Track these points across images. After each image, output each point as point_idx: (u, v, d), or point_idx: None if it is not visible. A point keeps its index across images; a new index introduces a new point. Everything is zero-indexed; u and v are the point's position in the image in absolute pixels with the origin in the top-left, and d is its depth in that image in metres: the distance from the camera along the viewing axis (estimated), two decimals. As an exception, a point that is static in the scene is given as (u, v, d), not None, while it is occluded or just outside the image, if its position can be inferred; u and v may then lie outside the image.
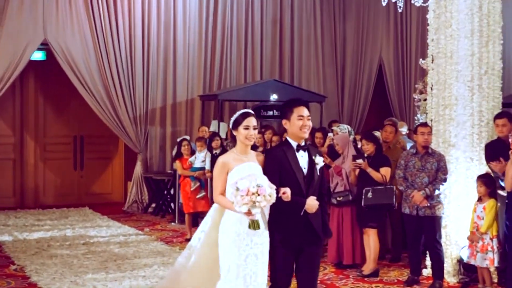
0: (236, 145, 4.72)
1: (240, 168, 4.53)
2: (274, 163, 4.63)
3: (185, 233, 9.72)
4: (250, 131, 4.62)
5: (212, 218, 4.69)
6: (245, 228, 4.42)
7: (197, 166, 9.50)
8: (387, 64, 14.97)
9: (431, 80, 7.46)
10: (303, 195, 4.60)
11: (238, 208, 4.21)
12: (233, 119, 4.69)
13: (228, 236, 4.49)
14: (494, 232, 6.48)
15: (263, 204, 4.19)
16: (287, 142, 4.76)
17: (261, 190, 4.17)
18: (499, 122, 6.85)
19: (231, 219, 4.49)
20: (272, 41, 13.95)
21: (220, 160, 4.65)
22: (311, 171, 4.69)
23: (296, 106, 4.67)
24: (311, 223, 4.63)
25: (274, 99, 12.26)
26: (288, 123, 4.69)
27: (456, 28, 7.07)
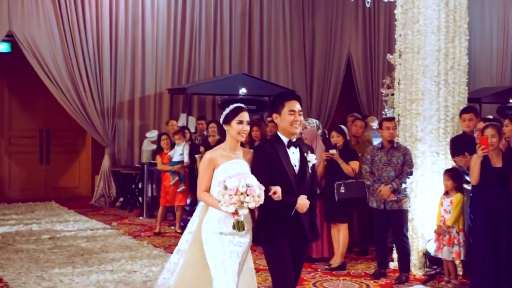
0: (226, 141, 4.49)
1: (228, 166, 4.34)
2: (264, 159, 4.41)
3: (153, 227, 9.68)
4: (244, 126, 4.41)
5: (199, 217, 4.51)
6: (228, 227, 4.29)
7: (175, 160, 9.47)
8: (356, 59, 15.10)
9: (398, 75, 7.53)
10: (294, 194, 4.41)
11: (224, 207, 4.05)
12: (225, 113, 4.47)
13: (210, 234, 4.35)
14: (461, 225, 6.58)
15: (251, 205, 4.03)
16: (277, 137, 4.53)
17: (250, 190, 4.01)
18: (466, 116, 6.94)
19: (214, 217, 4.34)
20: (241, 34, 13.94)
21: (207, 155, 4.44)
22: (302, 169, 4.48)
23: (288, 100, 4.48)
24: (302, 223, 4.45)
25: (243, 93, 12.26)
26: (279, 118, 4.49)
27: (423, 23, 7.14)
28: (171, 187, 9.37)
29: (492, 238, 6.02)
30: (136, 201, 11.67)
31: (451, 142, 7.08)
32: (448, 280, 6.68)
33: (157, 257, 7.83)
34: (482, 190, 6.13)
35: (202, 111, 13.34)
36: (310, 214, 4.53)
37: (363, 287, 6.71)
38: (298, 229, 4.45)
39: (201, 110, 13.35)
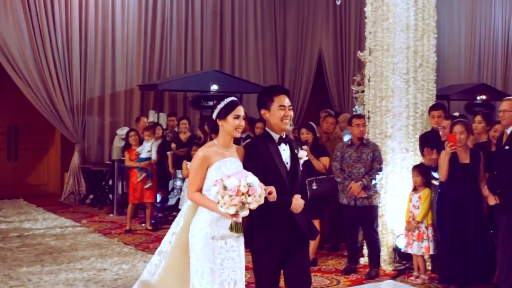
0: (219, 137, 4.18)
1: (222, 164, 4.06)
2: (256, 158, 4.15)
3: (124, 224, 9.61)
4: (240, 121, 4.13)
5: (185, 218, 4.20)
6: (220, 230, 4.00)
7: (143, 157, 9.40)
8: (327, 56, 15.19)
9: (368, 72, 7.59)
10: (288, 193, 4.17)
11: (224, 209, 3.74)
12: (219, 107, 4.15)
13: (201, 239, 4.00)
14: (429, 220, 6.66)
15: (253, 206, 3.74)
16: (267, 134, 4.27)
17: (252, 190, 3.73)
18: (435, 113, 7.03)
19: (205, 219, 4.03)
20: (212, 31, 13.91)
21: (200, 153, 4.12)
22: (294, 167, 4.26)
23: (277, 94, 4.23)
24: (298, 223, 4.18)
25: (214, 89, 12.25)
26: (268, 113, 4.23)
27: (393, 21, 7.20)
28: (139, 183, 9.31)
29: (460, 233, 6.10)
30: (107, 198, 11.58)
31: (420, 139, 7.16)
32: (417, 275, 6.75)
33: (127, 255, 7.78)
34: (450, 185, 6.21)
35: (173, 107, 13.29)
36: (305, 213, 4.29)
37: (333, 283, 6.74)
38: (293, 230, 4.17)
39: (172, 107, 13.30)
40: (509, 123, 5.91)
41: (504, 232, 5.89)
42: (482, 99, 14.90)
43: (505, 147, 5.87)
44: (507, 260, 5.88)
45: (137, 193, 9.34)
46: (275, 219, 4.13)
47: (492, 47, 17.42)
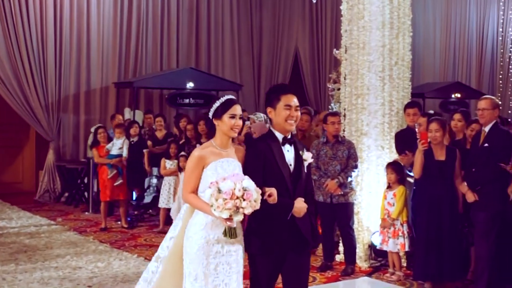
0: (215, 137, 4.00)
1: (218, 165, 3.90)
2: (258, 158, 3.99)
3: (99, 222, 9.54)
4: (236, 121, 3.95)
5: (183, 221, 4.04)
6: (216, 234, 3.85)
7: (114, 153, 9.33)
8: (303, 54, 15.23)
9: (344, 70, 7.63)
10: (290, 196, 3.98)
11: (217, 212, 3.59)
12: (215, 106, 3.99)
13: (195, 242, 3.85)
14: (404, 217, 6.71)
15: (247, 210, 3.59)
16: (271, 134, 4.10)
17: (247, 194, 3.58)
18: (411, 111, 7.09)
19: (200, 222, 3.87)
20: (188, 28, 13.88)
21: (195, 153, 3.96)
22: (298, 168, 4.07)
23: (284, 93, 4.07)
24: (299, 227, 3.99)
25: (190, 87, 12.22)
26: (273, 112, 4.07)
27: (368, 19, 7.25)
28: (109, 181, 9.25)
29: (435, 230, 6.16)
30: (82, 196, 11.48)
31: (395, 137, 7.22)
32: (392, 271, 6.80)
33: (103, 253, 7.74)
34: (425, 183, 6.27)
35: (149, 105, 13.23)
36: (310, 217, 4.09)
37: (309, 280, 6.74)
38: (294, 235, 3.99)
39: (148, 104, 13.24)
40: (487, 122, 5.98)
41: (481, 229, 5.96)
42: (456, 97, 15.06)
43: (484, 145, 5.95)
44: (483, 256, 5.95)
45: (108, 190, 9.27)
46: (275, 222, 3.95)
47: (467, 46, 17.61)
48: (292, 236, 3.98)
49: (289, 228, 3.96)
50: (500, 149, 5.84)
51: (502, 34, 18.20)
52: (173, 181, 9.08)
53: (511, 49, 18.37)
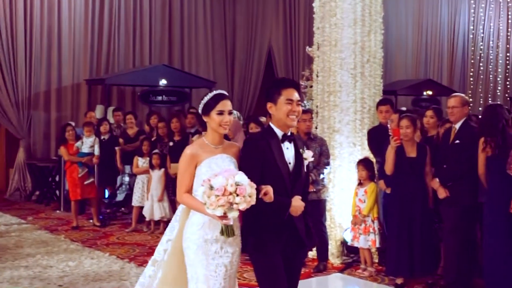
0: (207, 134, 3.91)
1: (212, 162, 3.77)
2: (255, 155, 3.82)
3: (71, 221, 9.44)
4: (224, 117, 3.81)
5: (180, 222, 3.91)
6: (214, 234, 3.72)
7: (84, 152, 9.24)
8: (277, 51, 15.25)
9: (316, 68, 7.65)
10: (288, 196, 3.83)
11: (211, 210, 3.46)
12: (203, 102, 3.86)
13: (193, 242, 3.74)
14: (375, 214, 6.75)
15: (242, 206, 3.45)
16: (270, 130, 3.92)
17: (240, 189, 3.44)
18: (383, 108, 7.13)
19: (197, 222, 3.76)
20: (161, 25, 13.80)
21: (187, 151, 3.83)
22: (297, 167, 3.92)
23: (285, 87, 3.88)
24: (296, 227, 3.88)
25: (163, 84, 12.17)
26: (274, 107, 3.88)
27: (340, 17, 7.27)
28: (80, 179, 9.15)
29: (406, 226, 6.21)
30: (53, 195, 11.35)
31: (368, 134, 7.26)
32: (364, 267, 6.84)
33: (74, 252, 7.66)
34: (397, 179, 6.31)
35: (121, 102, 13.13)
36: (305, 217, 3.99)
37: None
38: (291, 235, 3.88)
39: (120, 102, 13.14)
40: (457, 119, 6.04)
41: (451, 224, 6.02)
42: (428, 94, 15.21)
43: (454, 142, 6.01)
44: (453, 252, 6.02)
45: (79, 189, 9.18)
46: (272, 221, 3.81)
47: (439, 43, 17.80)
48: (289, 236, 3.86)
49: (286, 227, 3.84)
50: (470, 146, 5.90)
51: (473, 32, 18.44)
52: (146, 179, 9.03)
53: (481, 47, 18.62)
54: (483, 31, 18.68)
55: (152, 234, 8.75)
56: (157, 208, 8.79)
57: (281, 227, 3.83)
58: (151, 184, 8.84)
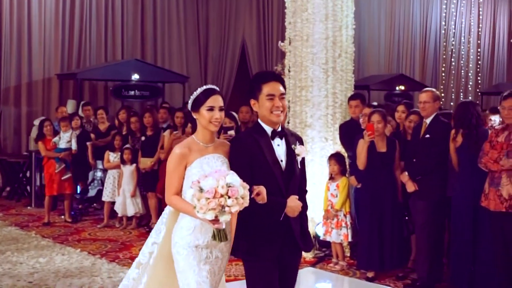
0: (197, 131, 3.68)
1: (203, 162, 3.56)
2: (243, 154, 3.58)
3: (42, 217, 9.34)
4: (215, 113, 3.58)
5: (167, 225, 3.71)
6: (205, 239, 3.52)
7: (62, 147, 9.15)
8: (250, 46, 15.25)
9: (288, 62, 7.66)
10: (282, 196, 3.58)
11: (201, 214, 3.23)
12: (192, 97, 3.65)
13: (183, 248, 3.53)
14: (347, 208, 6.79)
15: (234, 209, 3.20)
16: (259, 127, 3.68)
17: (232, 191, 3.20)
18: (353, 103, 7.16)
19: (187, 226, 3.54)
20: (133, 19, 13.72)
21: (176, 150, 3.60)
22: (290, 164, 3.66)
23: (265, 81, 3.63)
24: (293, 229, 3.62)
25: (135, 79, 12.09)
26: (257, 104, 3.65)
27: (312, 12, 7.28)
28: (57, 174, 9.07)
29: (377, 220, 6.25)
30: (24, 191, 11.22)
31: (340, 128, 7.28)
32: (336, 261, 6.88)
33: (45, 248, 7.58)
34: (368, 174, 6.35)
35: (93, 97, 13.03)
36: (302, 218, 3.73)
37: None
38: (287, 237, 3.62)
39: (92, 96, 13.04)
40: (429, 114, 6.09)
41: (422, 218, 6.07)
42: (400, 89, 15.34)
43: (425, 136, 6.06)
44: (424, 246, 6.08)
45: (56, 184, 9.10)
46: (266, 224, 3.56)
47: (411, 39, 17.96)
48: (285, 238, 3.61)
49: (282, 230, 3.59)
50: (441, 140, 5.96)
51: (444, 27, 18.64)
52: (117, 174, 8.98)
53: (453, 42, 18.82)
54: (455, 27, 18.90)
55: (124, 230, 8.70)
56: (129, 204, 8.74)
57: (276, 229, 3.58)
58: (123, 179, 8.78)
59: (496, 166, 5.26)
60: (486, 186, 5.39)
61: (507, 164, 5.17)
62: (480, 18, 19.39)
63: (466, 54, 19.12)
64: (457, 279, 5.90)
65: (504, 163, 5.18)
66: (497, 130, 5.51)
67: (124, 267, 6.68)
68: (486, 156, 5.36)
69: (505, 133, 5.36)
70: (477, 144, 5.63)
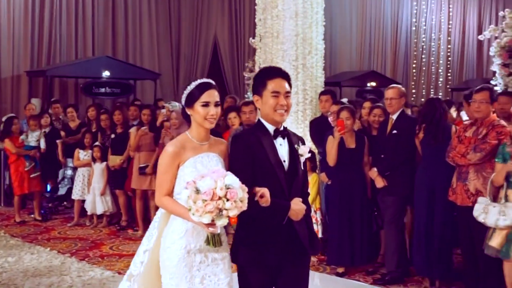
0: (191, 128, 3.43)
1: (197, 161, 3.32)
2: (245, 153, 3.35)
3: (11, 216, 9.24)
4: (210, 109, 3.34)
5: (159, 229, 3.43)
6: (197, 243, 3.29)
7: (32, 145, 9.04)
8: (222, 42, 15.23)
9: (258, 59, 7.68)
10: (285, 197, 3.36)
11: (197, 217, 3.00)
12: (186, 92, 3.40)
13: (174, 254, 3.27)
14: (318, 204, 6.82)
15: (232, 213, 2.99)
16: (261, 125, 3.47)
17: (231, 193, 2.98)
18: (323, 98, 7.20)
19: (179, 229, 3.29)
20: (104, 15, 13.61)
21: (169, 148, 3.34)
22: (293, 165, 3.45)
23: (271, 78, 3.43)
24: (297, 232, 3.40)
25: (106, 75, 12.00)
26: (260, 101, 3.45)
27: (282, 8, 7.30)
28: (26, 173, 8.96)
29: (347, 217, 6.29)
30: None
31: (310, 124, 7.31)
32: (307, 257, 6.90)
33: (14, 247, 7.49)
34: (337, 170, 6.38)
35: (64, 94, 12.91)
36: (306, 220, 3.51)
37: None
38: (291, 242, 3.39)
39: (63, 94, 12.91)
40: (395, 110, 6.14)
41: (391, 213, 6.13)
42: (372, 86, 15.44)
43: (392, 132, 6.11)
44: (393, 240, 6.14)
45: (26, 182, 8.99)
46: (268, 228, 3.35)
47: (382, 36, 18.09)
48: (288, 243, 3.39)
49: (285, 234, 3.38)
50: (408, 136, 6.02)
51: (415, 24, 18.80)
52: (87, 172, 8.90)
53: (424, 39, 19.00)
54: (425, 23, 19.06)
55: (95, 228, 8.63)
56: (99, 202, 8.68)
57: (278, 234, 3.36)
58: (93, 177, 8.71)
59: (463, 160, 5.32)
60: (454, 181, 5.46)
61: (474, 158, 5.23)
62: (450, 15, 19.59)
63: (437, 51, 19.31)
64: (418, 266, 6.01)
65: (471, 157, 5.24)
66: (465, 125, 5.58)
67: (94, 266, 6.64)
68: (453, 151, 5.43)
69: (473, 128, 5.43)
70: (435, 138, 5.71)
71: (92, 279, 6.16)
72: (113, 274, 6.32)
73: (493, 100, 5.34)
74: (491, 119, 5.34)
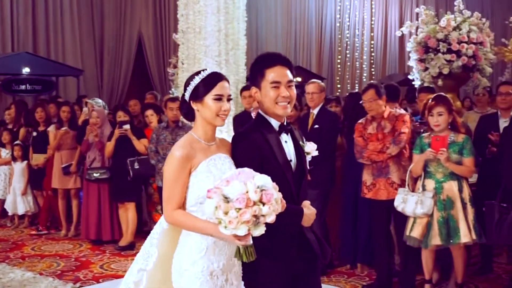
0: (196, 127, 2.94)
1: (210, 163, 2.84)
2: (253, 155, 2.92)
3: None
4: (224, 104, 2.87)
5: (159, 248, 2.93)
6: (220, 261, 2.81)
7: None
8: (147, 39, 15.11)
9: (181, 55, 7.65)
10: (294, 201, 2.98)
11: (229, 230, 2.50)
12: (193, 84, 2.90)
13: (195, 276, 2.77)
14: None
15: (270, 218, 2.51)
16: (263, 120, 3.05)
17: (266, 195, 2.50)
18: (246, 93, 7.25)
19: (198, 248, 2.79)
20: (24, 10, 13.23)
21: (177, 153, 2.81)
22: (300, 165, 3.08)
23: (269, 66, 2.99)
24: (308, 239, 3.03)
25: (26, 72, 11.68)
26: (259, 93, 3.03)
27: (204, 4, 7.31)
28: None
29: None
30: None
31: (233, 120, 7.35)
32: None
33: None
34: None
35: (-19, 92, 12.48)
36: (312, 225, 3.13)
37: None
38: (303, 250, 3.03)
39: (-20, 91, 12.48)
40: (316, 104, 6.25)
41: (316, 206, 6.22)
42: (297, 81, 15.61)
43: (314, 126, 6.22)
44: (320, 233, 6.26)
45: None
46: (279, 236, 2.89)
47: (307, 31, 18.34)
48: (301, 251, 3.02)
49: (298, 241, 3.02)
50: (329, 130, 6.14)
51: (339, 20, 19.15)
52: (8, 171, 8.66)
53: (348, 35, 19.39)
54: (349, 20, 19.45)
55: (16, 229, 8.42)
56: (20, 202, 8.46)
57: (290, 242, 2.98)
58: (14, 177, 8.49)
59: (381, 156, 5.39)
60: (368, 178, 5.53)
61: (396, 150, 5.33)
62: (372, 11, 20.05)
63: (360, 46, 19.74)
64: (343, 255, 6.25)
65: (392, 150, 5.34)
66: (362, 124, 5.67)
67: (14, 267, 6.48)
68: (367, 150, 5.51)
69: (374, 124, 5.55)
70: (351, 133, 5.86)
71: (12, 281, 6.00)
72: (34, 275, 6.18)
73: (381, 95, 5.47)
74: (389, 113, 5.47)
